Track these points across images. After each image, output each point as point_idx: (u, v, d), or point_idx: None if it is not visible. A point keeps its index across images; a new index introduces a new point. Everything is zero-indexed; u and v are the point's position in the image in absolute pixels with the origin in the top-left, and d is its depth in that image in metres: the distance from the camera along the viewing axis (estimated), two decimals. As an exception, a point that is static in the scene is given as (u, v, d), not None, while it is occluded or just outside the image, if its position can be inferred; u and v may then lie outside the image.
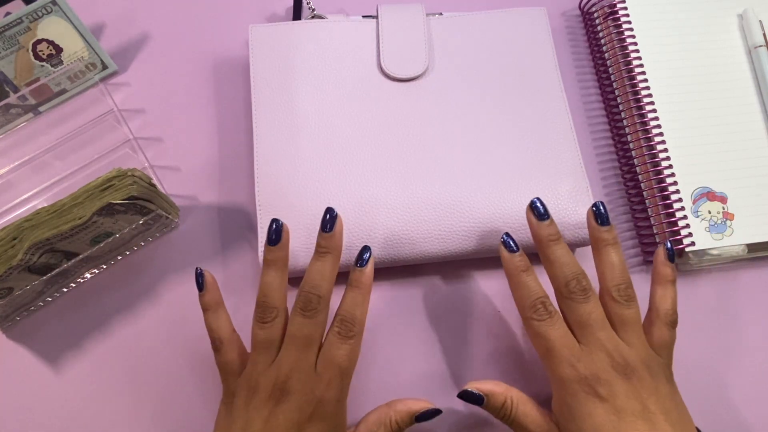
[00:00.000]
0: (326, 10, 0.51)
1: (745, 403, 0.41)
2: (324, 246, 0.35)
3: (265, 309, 0.34)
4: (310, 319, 0.34)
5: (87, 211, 0.36)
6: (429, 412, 0.36)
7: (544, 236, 0.36)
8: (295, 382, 0.33)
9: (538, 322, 0.34)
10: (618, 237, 0.36)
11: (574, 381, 0.33)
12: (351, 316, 0.34)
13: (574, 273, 0.34)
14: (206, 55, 0.51)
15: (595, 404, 0.32)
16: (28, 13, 0.45)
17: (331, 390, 0.33)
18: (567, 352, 0.33)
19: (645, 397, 0.32)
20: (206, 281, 0.36)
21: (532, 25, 0.48)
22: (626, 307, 0.34)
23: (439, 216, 0.42)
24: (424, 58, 0.46)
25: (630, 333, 0.34)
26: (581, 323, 0.34)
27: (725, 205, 0.44)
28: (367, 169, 0.43)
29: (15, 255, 0.35)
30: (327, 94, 0.45)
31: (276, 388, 0.33)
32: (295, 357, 0.33)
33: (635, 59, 0.48)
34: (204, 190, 0.46)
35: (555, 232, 0.36)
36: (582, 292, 0.34)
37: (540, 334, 0.34)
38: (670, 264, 0.37)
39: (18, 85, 0.47)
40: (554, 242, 0.35)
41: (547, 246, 0.35)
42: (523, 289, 0.35)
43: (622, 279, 0.35)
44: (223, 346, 0.35)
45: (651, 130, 0.46)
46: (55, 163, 0.47)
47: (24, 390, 0.41)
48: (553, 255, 0.35)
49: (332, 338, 0.34)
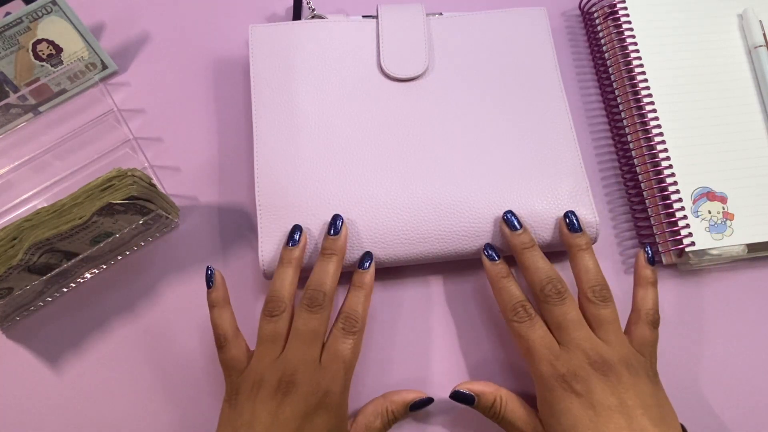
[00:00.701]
0: (326, 10, 0.51)
1: (745, 403, 0.41)
2: (330, 248, 0.39)
3: (274, 303, 0.36)
4: (315, 314, 0.36)
5: (87, 211, 0.36)
6: (422, 401, 0.38)
7: (518, 244, 0.39)
8: (301, 375, 0.34)
9: (518, 324, 0.36)
10: (590, 242, 0.39)
11: (552, 378, 0.34)
12: (354, 312, 0.37)
13: (549, 277, 0.37)
14: (206, 55, 0.51)
15: (572, 400, 0.33)
16: (28, 13, 0.45)
17: (336, 382, 0.34)
18: (546, 351, 0.35)
19: (622, 392, 0.33)
20: (216, 279, 0.38)
21: (532, 25, 0.48)
22: (602, 307, 0.36)
23: (439, 216, 0.42)
24: (424, 58, 0.46)
25: (608, 332, 0.36)
26: (558, 324, 0.36)
27: (725, 205, 0.44)
28: (367, 169, 0.43)
29: (15, 255, 0.35)
30: (327, 94, 0.45)
31: (282, 382, 0.34)
32: (302, 351, 0.35)
33: (635, 59, 0.48)
34: (204, 190, 0.46)
35: (528, 240, 0.39)
36: (557, 295, 0.36)
37: (521, 335, 0.36)
38: (650, 267, 0.39)
39: (18, 85, 0.47)
40: (528, 249, 0.38)
41: (521, 253, 0.38)
42: (504, 293, 0.38)
43: (596, 281, 0.37)
44: (228, 343, 0.36)
45: (651, 130, 0.46)
46: (55, 163, 0.47)
47: (24, 390, 0.41)
48: (528, 261, 0.38)
49: (337, 333, 0.36)
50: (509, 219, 0.40)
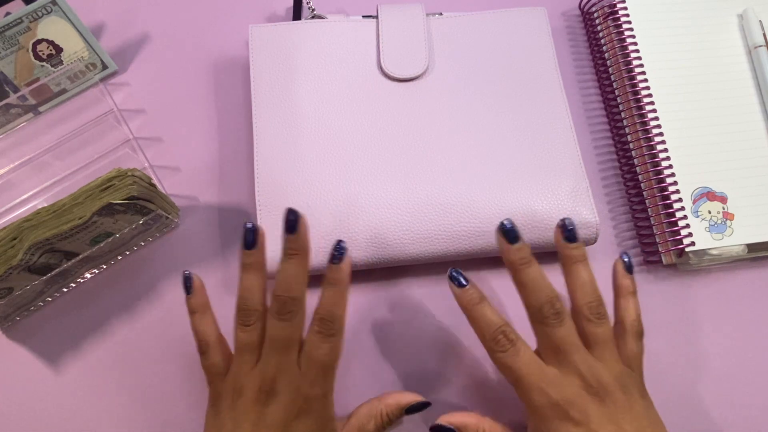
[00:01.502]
0: (326, 10, 0.51)
1: (746, 403, 0.41)
2: (291, 248, 0.34)
3: (246, 312, 0.35)
4: (287, 322, 0.34)
5: (87, 211, 0.36)
6: (418, 404, 0.37)
7: (516, 260, 0.34)
8: (280, 383, 0.33)
9: (501, 353, 0.34)
10: (586, 253, 0.36)
11: (546, 407, 0.32)
12: (330, 314, 0.34)
13: (548, 297, 0.34)
14: (206, 55, 0.51)
15: (569, 428, 0.32)
16: (28, 13, 0.45)
17: (316, 387, 0.33)
18: (535, 379, 0.33)
19: (619, 417, 0.32)
20: (194, 284, 0.37)
21: (532, 25, 0.48)
22: (598, 324, 0.34)
23: (439, 216, 0.42)
24: (424, 58, 0.46)
25: (603, 350, 0.34)
26: (556, 348, 0.34)
27: (725, 205, 0.44)
28: (366, 169, 0.43)
29: (15, 255, 0.35)
30: (327, 94, 0.45)
31: (262, 391, 0.33)
32: (277, 359, 0.33)
33: (635, 59, 0.48)
34: (204, 190, 0.46)
35: (528, 255, 0.35)
36: (555, 317, 0.34)
37: (506, 366, 0.34)
38: (629, 276, 0.37)
39: (18, 85, 0.47)
40: (526, 265, 0.34)
41: (519, 270, 0.34)
42: (481, 322, 0.35)
43: (593, 296, 0.35)
44: (209, 349, 0.36)
45: (651, 130, 0.46)
46: (55, 163, 0.47)
47: (24, 390, 0.41)
48: (526, 278, 0.34)
49: (313, 338, 0.34)
50: (508, 229, 0.34)
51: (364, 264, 0.41)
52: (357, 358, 0.42)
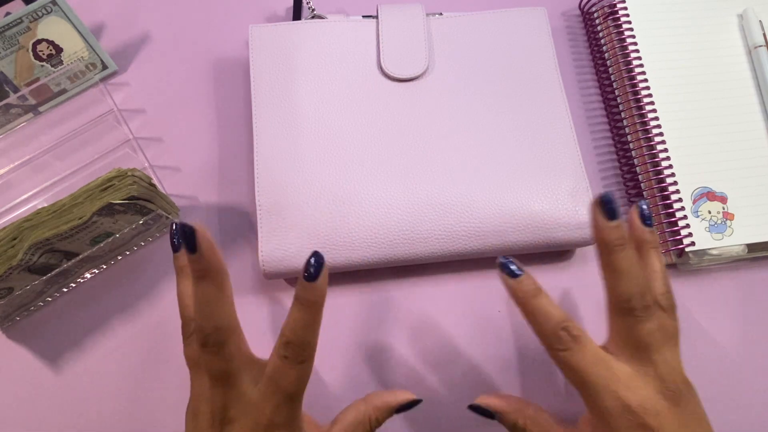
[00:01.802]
0: (326, 10, 0.51)
1: (746, 403, 0.41)
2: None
3: (184, 324, 0.33)
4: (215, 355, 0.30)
5: (87, 211, 0.36)
6: (409, 403, 0.34)
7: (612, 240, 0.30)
8: (234, 412, 0.30)
9: (564, 352, 0.30)
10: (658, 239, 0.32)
11: (618, 413, 0.29)
12: (300, 339, 0.29)
13: (640, 287, 0.30)
14: (206, 55, 0.51)
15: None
16: (28, 13, 0.45)
17: (279, 416, 0.30)
18: (605, 380, 0.29)
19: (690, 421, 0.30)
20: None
21: (532, 25, 0.48)
22: (671, 318, 0.31)
23: (439, 216, 0.42)
24: (424, 58, 0.46)
25: (675, 347, 0.31)
26: (636, 343, 0.30)
27: (725, 205, 0.44)
28: (366, 169, 0.43)
29: (15, 255, 0.35)
30: (327, 94, 0.45)
31: (216, 419, 0.30)
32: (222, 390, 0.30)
33: (635, 59, 0.48)
34: (204, 190, 0.46)
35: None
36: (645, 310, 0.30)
37: (569, 366, 0.30)
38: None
39: (18, 85, 0.47)
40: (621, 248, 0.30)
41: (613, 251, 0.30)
42: (539, 317, 0.30)
43: (666, 286, 0.32)
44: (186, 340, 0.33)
45: (651, 130, 0.46)
46: (55, 163, 0.47)
47: (24, 390, 0.41)
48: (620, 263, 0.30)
49: (279, 363, 0.30)
50: (608, 201, 0.30)
51: (363, 264, 0.41)
52: (356, 358, 0.42)
